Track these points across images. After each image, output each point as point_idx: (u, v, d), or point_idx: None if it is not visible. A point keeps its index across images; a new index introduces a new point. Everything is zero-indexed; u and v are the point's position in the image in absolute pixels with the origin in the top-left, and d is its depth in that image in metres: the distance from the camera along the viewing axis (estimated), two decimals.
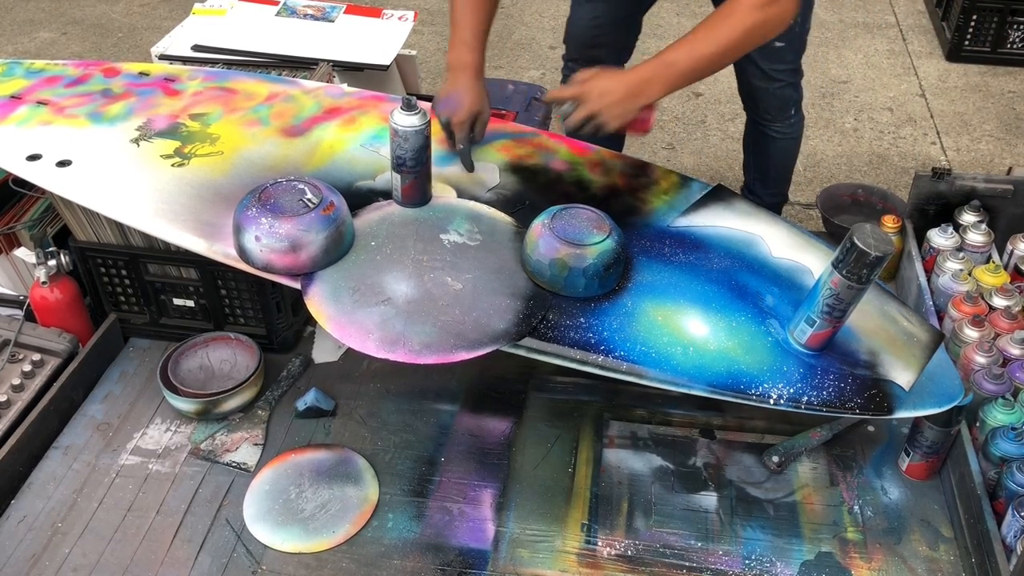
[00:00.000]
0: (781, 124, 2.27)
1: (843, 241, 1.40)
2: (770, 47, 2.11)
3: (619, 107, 1.64)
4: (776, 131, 2.29)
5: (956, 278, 1.96)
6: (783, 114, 2.26)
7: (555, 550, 1.61)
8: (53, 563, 1.59)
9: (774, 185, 2.43)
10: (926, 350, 1.58)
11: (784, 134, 2.30)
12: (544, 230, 1.54)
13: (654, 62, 1.65)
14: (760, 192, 2.43)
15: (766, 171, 2.40)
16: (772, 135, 2.30)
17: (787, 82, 2.19)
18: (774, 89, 2.20)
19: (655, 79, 1.65)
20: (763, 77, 2.18)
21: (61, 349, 1.88)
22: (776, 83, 2.18)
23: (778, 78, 2.17)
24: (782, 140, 2.31)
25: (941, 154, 3.16)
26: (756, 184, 2.44)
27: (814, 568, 1.58)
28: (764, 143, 2.35)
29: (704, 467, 1.76)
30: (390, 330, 1.47)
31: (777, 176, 2.41)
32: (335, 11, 2.67)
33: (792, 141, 2.33)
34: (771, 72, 2.16)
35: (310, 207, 1.53)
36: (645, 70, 1.66)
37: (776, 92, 2.21)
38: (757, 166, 2.42)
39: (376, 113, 1.92)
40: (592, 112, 1.64)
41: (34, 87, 1.91)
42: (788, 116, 2.26)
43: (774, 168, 2.39)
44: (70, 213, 1.86)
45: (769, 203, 2.44)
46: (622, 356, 1.46)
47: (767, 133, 2.31)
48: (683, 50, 1.64)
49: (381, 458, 1.77)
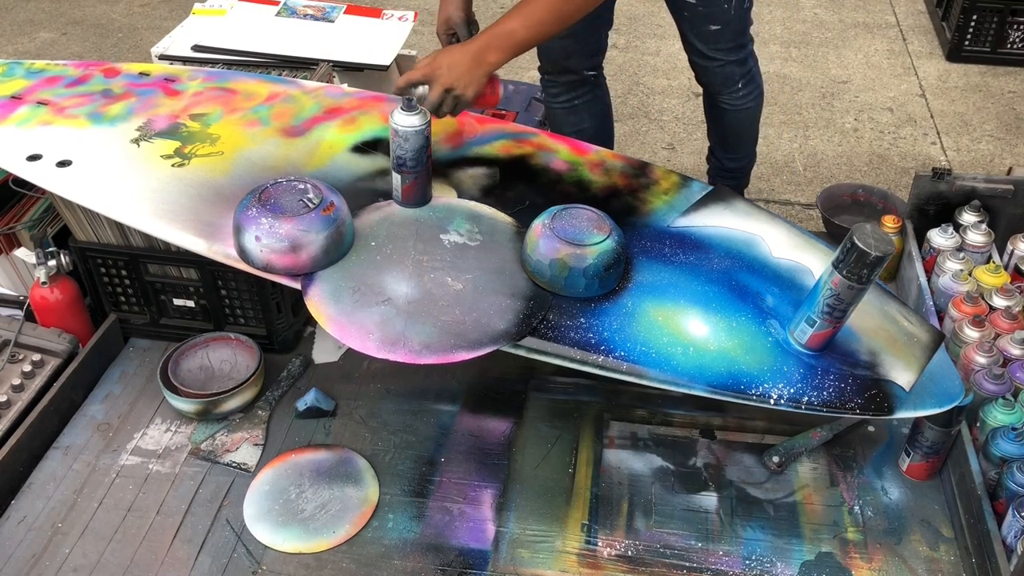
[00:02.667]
0: (728, 97, 2.29)
1: (843, 241, 1.40)
2: (705, 30, 2.15)
3: (468, 75, 1.68)
4: (725, 103, 2.31)
5: (956, 278, 1.96)
6: (728, 88, 2.28)
7: (555, 550, 1.61)
8: (53, 563, 1.59)
9: (733, 150, 2.46)
10: (926, 350, 1.58)
11: (734, 106, 2.32)
12: (544, 230, 1.54)
13: (493, 30, 1.70)
14: (720, 156, 2.47)
15: (724, 137, 2.44)
16: (722, 106, 2.33)
17: (727, 60, 2.21)
18: (714, 68, 2.23)
19: (494, 46, 1.69)
20: (703, 56, 2.21)
21: (61, 349, 1.88)
22: (716, 62, 2.21)
23: (717, 58, 2.20)
24: (732, 111, 2.33)
25: (941, 154, 3.16)
26: (717, 148, 2.48)
27: (814, 568, 1.58)
28: (717, 113, 2.38)
29: (704, 467, 1.76)
30: (390, 330, 1.47)
31: (735, 142, 2.45)
32: (335, 11, 2.67)
33: (744, 112, 2.34)
34: (709, 52, 2.19)
35: (310, 207, 1.53)
36: (484, 38, 1.71)
37: (716, 70, 2.23)
38: (715, 132, 2.46)
39: (376, 113, 1.92)
40: (447, 85, 1.67)
41: (34, 87, 1.91)
42: (735, 90, 2.28)
43: (731, 135, 2.43)
44: (70, 213, 1.86)
45: (732, 168, 2.48)
46: (622, 356, 1.46)
47: (717, 104, 2.34)
48: (520, 18, 1.69)
49: (381, 458, 1.77)
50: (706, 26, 2.13)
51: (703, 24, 2.13)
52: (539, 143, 1.93)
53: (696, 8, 2.12)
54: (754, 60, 2.28)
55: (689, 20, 2.16)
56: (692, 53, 2.24)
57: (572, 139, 1.97)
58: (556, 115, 2.39)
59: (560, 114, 2.37)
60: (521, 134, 1.96)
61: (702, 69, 2.26)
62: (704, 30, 2.14)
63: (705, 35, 2.16)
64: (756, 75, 2.31)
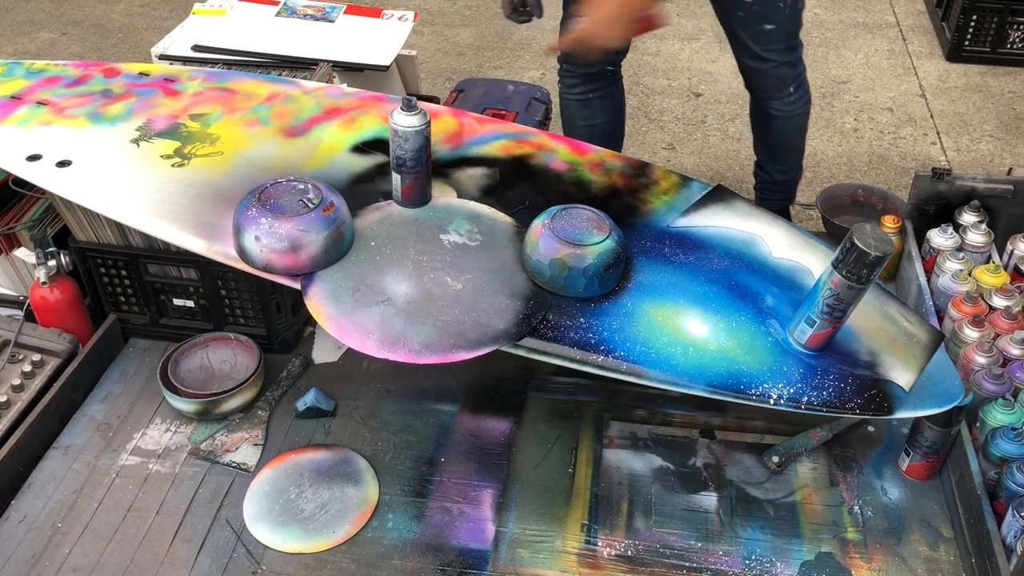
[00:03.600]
0: (780, 102, 2.28)
1: (843, 241, 1.40)
2: (760, 30, 2.13)
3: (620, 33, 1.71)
4: (776, 108, 2.29)
5: (956, 278, 1.96)
6: (780, 92, 2.26)
7: (555, 550, 1.61)
8: (53, 563, 1.59)
9: (782, 161, 2.43)
10: (926, 350, 1.58)
11: (784, 112, 2.30)
12: (544, 230, 1.54)
13: None
14: (770, 169, 2.45)
15: (772, 148, 2.42)
16: (772, 113, 2.31)
17: (780, 61, 2.20)
18: (768, 69, 2.21)
19: None
20: (756, 58, 2.20)
21: (61, 349, 1.88)
22: (769, 63, 2.19)
23: (771, 58, 2.18)
24: (783, 118, 2.31)
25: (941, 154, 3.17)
26: (765, 161, 2.45)
27: (814, 568, 1.58)
28: (766, 120, 2.35)
29: (704, 467, 1.76)
30: (390, 330, 1.47)
31: (783, 153, 2.42)
32: (335, 11, 2.67)
33: (795, 118, 2.32)
34: (763, 53, 2.18)
35: (310, 207, 1.53)
36: None
37: (770, 72, 2.22)
38: (763, 143, 2.43)
39: (376, 113, 1.92)
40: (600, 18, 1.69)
41: (34, 87, 1.91)
42: (787, 94, 2.26)
43: (779, 145, 2.40)
44: (70, 213, 1.86)
45: (780, 180, 2.45)
46: (622, 356, 1.47)
47: (767, 111, 2.32)
48: None
49: (381, 458, 1.77)
50: (761, 25, 2.11)
51: (758, 23, 2.11)
52: (539, 143, 1.93)
53: (752, 7, 2.10)
54: (803, 65, 2.26)
55: (743, 20, 2.13)
56: (744, 55, 2.21)
57: (572, 139, 1.97)
58: (569, 107, 2.37)
59: (573, 106, 2.35)
60: (521, 134, 1.96)
61: (754, 72, 2.23)
62: (759, 29, 2.12)
63: (760, 35, 2.13)
64: (806, 79, 2.29)
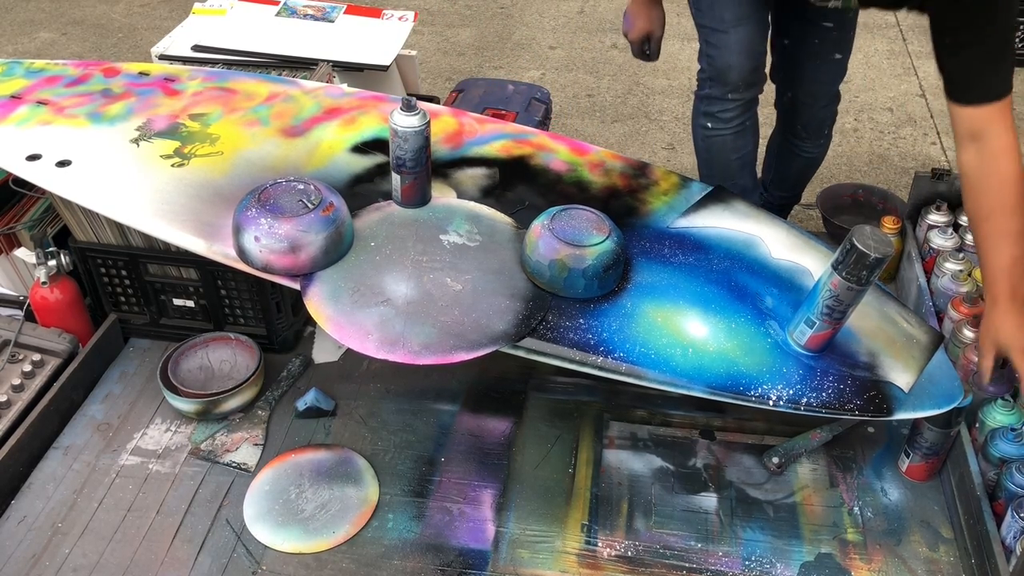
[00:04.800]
0: (811, 144, 2.28)
1: (843, 243, 1.40)
2: (831, 58, 2.10)
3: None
4: (806, 151, 2.30)
5: (956, 279, 1.96)
6: (817, 134, 2.26)
7: (555, 551, 1.61)
8: (53, 563, 1.59)
9: (790, 190, 2.46)
10: (926, 351, 1.58)
11: (811, 154, 2.31)
12: (544, 231, 1.54)
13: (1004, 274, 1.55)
14: (775, 193, 2.46)
15: (785, 180, 2.43)
16: (800, 154, 2.31)
17: (829, 101, 2.20)
18: (818, 108, 2.20)
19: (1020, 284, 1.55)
20: (810, 94, 2.18)
21: (61, 349, 1.88)
22: (821, 101, 2.19)
23: (822, 96, 2.18)
24: (808, 159, 2.32)
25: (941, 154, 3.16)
26: (772, 186, 2.46)
27: (814, 569, 1.58)
28: (788, 158, 2.35)
29: (704, 468, 1.76)
30: (390, 331, 1.47)
31: (793, 184, 2.45)
32: (335, 11, 2.67)
33: (817, 160, 2.34)
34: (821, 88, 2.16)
35: (309, 208, 1.53)
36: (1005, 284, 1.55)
37: (819, 112, 2.21)
38: (778, 174, 2.43)
39: (376, 113, 1.92)
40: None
41: (34, 87, 1.91)
42: (820, 137, 2.27)
43: (793, 178, 2.42)
44: (70, 213, 1.86)
45: (782, 204, 2.47)
46: (622, 357, 1.47)
47: (795, 151, 2.31)
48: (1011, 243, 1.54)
49: (381, 458, 1.77)
50: (833, 54, 2.08)
51: (831, 52, 2.07)
52: (539, 143, 1.93)
53: (831, 33, 2.05)
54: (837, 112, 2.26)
55: (818, 48, 2.07)
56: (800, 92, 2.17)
57: (572, 139, 1.96)
58: (724, 143, 2.13)
59: (729, 140, 2.12)
60: (521, 134, 1.96)
61: (803, 108, 2.20)
62: (831, 59, 2.08)
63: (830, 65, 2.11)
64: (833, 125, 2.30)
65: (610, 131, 3.27)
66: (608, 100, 3.44)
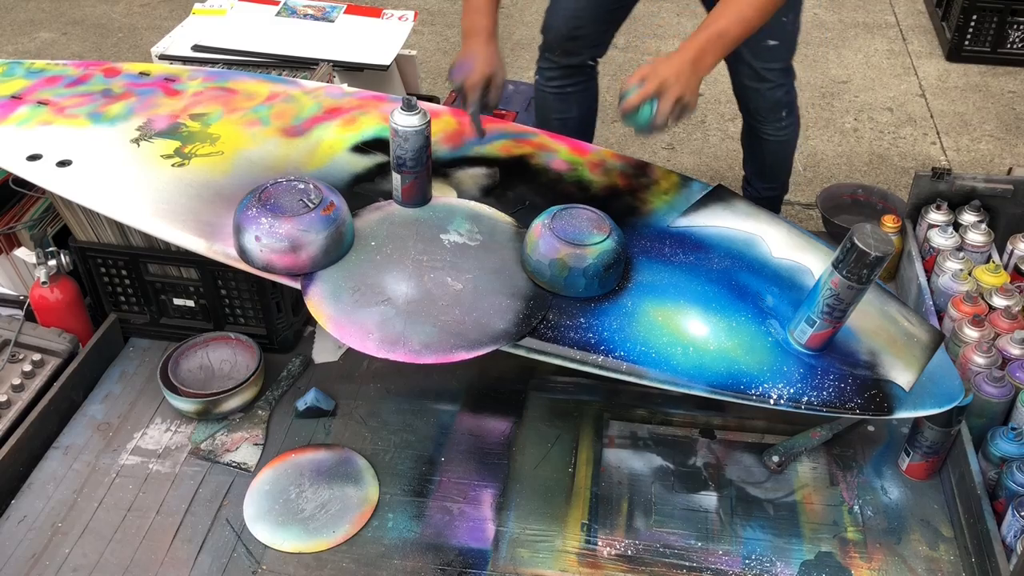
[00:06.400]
0: (772, 127, 2.28)
1: (843, 241, 1.40)
2: (763, 45, 2.11)
3: (692, 81, 1.68)
4: (768, 134, 2.30)
5: (956, 278, 1.96)
6: (774, 116, 2.26)
7: (555, 550, 1.61)
8: (53, 563, 1.59)
9: (771, 180, 2.45)
10: (926, 350, 1.58)
11: (776, 137, 2.30)
12: (544, 230, 1.54)
13: (703, 35, 1.70)
14: (758, 186, 2.46)
15: (762, 168, 2.43)
16: (764, 137, 2.31)
17: (777, 83, 2.20)
18: (765, 90, 2.20)
19: (709, 50, 1.70)
20: (755, 77, 2.19)
21: (61, 349, 1.88)
22: (767, 83, 2.19)
23: (769, 78, 2.18)
24: (774, 143, 2.32)
25: (941, 154, 3.16)
26: (754, 178, 2.47)
27: (814, 568, 1.58)
28: (757, 144, 2.36)
29: (704, 467, 1.76)
30: (390, 330, 1.47)
31: (772, 172, 2.44)
32: (335, 11, 2.67)
33: (785, 143, 2.34)
34: (763, 72, 2.17)
35: (310, 207, 1.53)
36: (697, 43, 1.70)
37: (767, 93, 2.21)
38: (754, 163, 2.44)
39: (376, 113, 1.92)
40: (678, 94, 1.66)
41: (34, 87, 1.91)
42: (779, 119, 2.27)
43: (769, 166, 2.41)
44: (70, 213, 1.86)
45: (768, 196, 2.46)
46: (622, 356, 1.47)
47: (760, 135, 2.32)
48: (728, 18, 1.70)
49: (381, 458, 1.77)
50: (765, 40, 2.10)
51: (762, 39, 2.09)
52: (539, 143, 1.93)
53: None
54: (796, 92, 2.27)
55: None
56: (744, 75, 2.20)
57: (572, 139, 1.97)
58: (546, 99, 2.32)
59: (550, 99, 2.30)
60: (521, 134, 1.96)
61: (752, 93, 2.23)
62: (763, 46, 2.11)
63: (762, 51, 2.13)
64: (797, 106, 2.30)
65: (610, 131, 3.27)
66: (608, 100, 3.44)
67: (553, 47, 2.22)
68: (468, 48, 1.82)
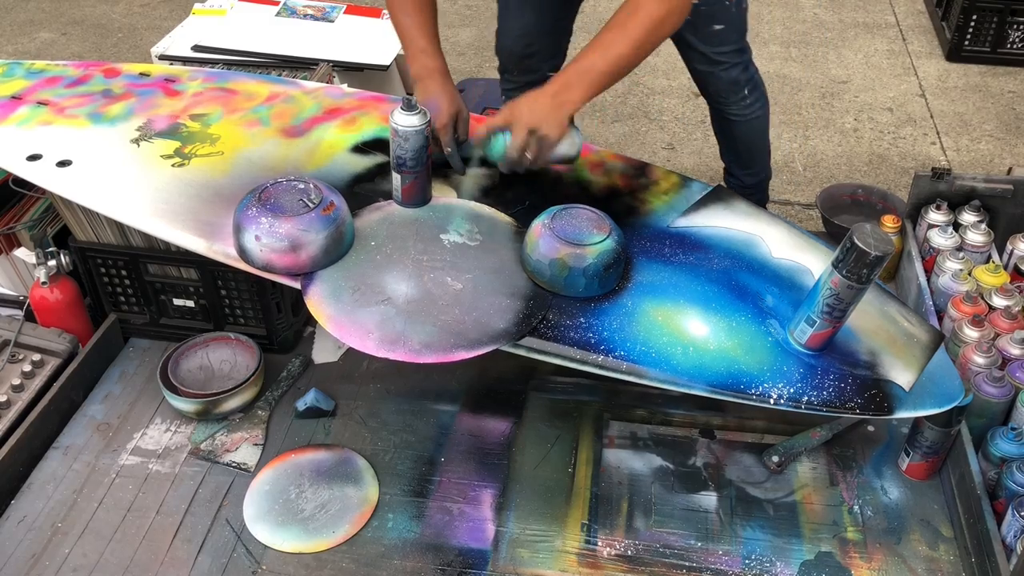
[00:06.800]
0: (736, 106, 2.26)
1: (843, 241, 1.40)
2: (709, 31, 2.11)
3: (551, 115, 1.62)
4: (733, 114, 2.28)
5: (956, 278, 1.96)
6: (734, 96, 2.25)
7: (555, 550, 1.61)
8: (53, 563, 1.59)
9: (748, 165, 2.43)
10: (926, 350, 1.58)
11: (743, 116, 2.28)
12: (544, 230, 1.54)
13: (571, 68, 1.64)
14: (738, 173, 2.44)
15: (737, 153, 2.41)
16: (731, 118, 2.29)
17: (731, 63, 2.18)
18: (719, 72, 2.19)
19: (575, 83, 1.63)
20: (707, 62, 2.18)
21: (61, 349, 1.88)
22: (720, 66, 2.18)
23: (721, 60, 2.16)
24: (742, 122, 2.30)
25: (941, 154, 3.16)
26: (733, 166, 2.45)
27: (814, 568, 1.58)
28: (726, 127, 2.34)
29: (704, 467, 1.76)
30: (390, 329, 1.47)
31: (749, 157, 2.41)
32: (335, 11, 2.67)
33: (754, 121, 2.31)
34: (714, 56, 2.16)
35: (310, 207, 1.53)
36: (563, 77, 1.65)
37: (721, 75, 2.20)
38: (728, 149, 2.43)
39: (376, 113, 1.92)
40: (530, 125, 1.62)
41: (35, 87, 1.91)
42: (742, 97, 2.25)
43: (743, 150, 2.39)
44: (70, 213, 1.86)
45: (751, 183, 2.44)
46: (622, 356, 1.47)
47: (726, 117, 2.30)
48: (597, 53, 1.63)
49: (381, 458, 1.77)
50: (710, 26, 2.10)
51: (707, 25, 2.10)
52: None
53: (699, 8, 2.10)
54: (755, 68, 2.26)
55: (692, 23, 2.12)
56: (695, 60, 2.20)
57: None
58: None
59: None
60: None
61: (707, 76, 2.22)
62: (708, 31, 2.11)
63: (709, 37, 2.13)
64: (760, 82, 2.29)
65: (610, 131, 3.27)
66: (608, 100, 3.44)
67: (510, 68, 2.24)
68: (426, 90, 1.78)
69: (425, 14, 1.81)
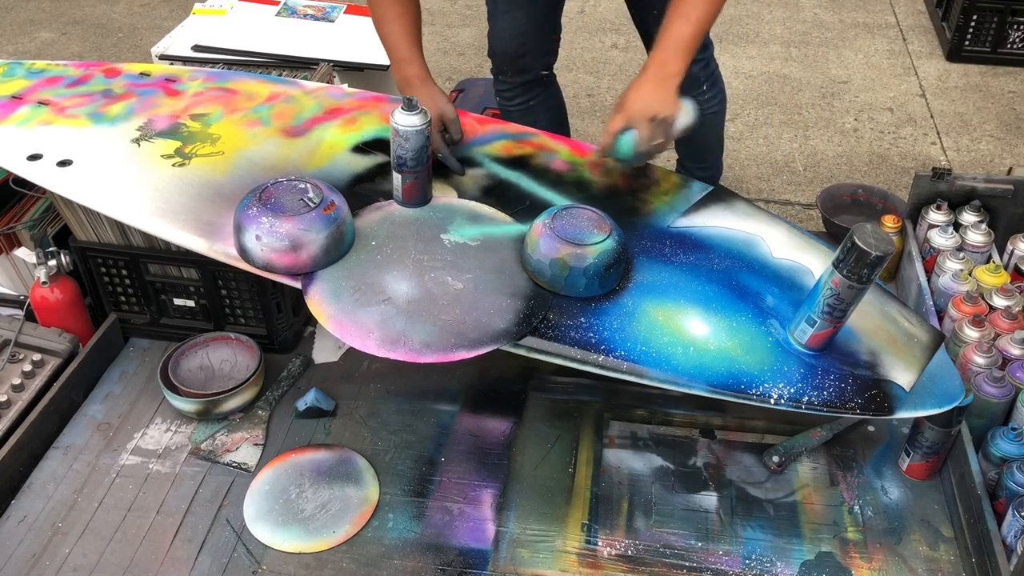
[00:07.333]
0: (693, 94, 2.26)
1: (843, 241, 1.40)
2: None
3: (663, 96, 1.67)
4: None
5: (956, 278, 1.96)
6: (694, 91, 2.22)
7: (555, 550, 1.61)
8: (53, 563, 1.59)
9: (701, 159, 2.44)
10: (927, 350, 1.58)
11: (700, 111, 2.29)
12: (545, 230, 1.54)
13: (660, 45, 1.70)
14: (691, 167, 2.44)
15: (691, 147, 2.41)
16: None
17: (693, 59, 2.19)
18: None
19: (671, 57, 1.69)
20: None
21: (61, 349, 1.88)
22: None
23: None
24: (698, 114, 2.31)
25: (941, 154, 3.16)
26: (685, 159, 2.46)
27: (814, 568, 1.58)
28: None
29: (704, 467, 1.76)
30: (390, 329, 1.47)
31: (701, 151, 2.42)
32: (335, 11, 2.67)
33: (711, 116, 2.30)
34: None
35: (311, 206, 1.53)
36: (658, 56, 1.70)
37: None
38: (682, 142, 2.39)
39: (377, 113, 1.92)
40: (648, 115, 1.66)
41: (35, 87, 1.91)
42: (699, 93, 2.23)
43: (697, 144, 2.38)
44: (70, 213, 1.86)
45: (701, 177, 2.42)
46: (623, 356, 1.47)
47: None
48: (681, 22, 1.69)
49: (381, 458, 1.77)
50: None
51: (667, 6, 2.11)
52: (539, 143, 1.93)
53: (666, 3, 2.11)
54: (716, 65, 2.26)
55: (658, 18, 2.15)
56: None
57: (572, 139, 1.97)
58: (511, 117, 2.29)
59: (515, 116, 2.28)
60: (521, 134, 1.96)
61: None
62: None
63: None
64: (719, 79, 2.29)
65: None
66: (608, 100, 3.44)
67: (504, 69, 2.24)
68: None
69: (406, 23, 1.84)
